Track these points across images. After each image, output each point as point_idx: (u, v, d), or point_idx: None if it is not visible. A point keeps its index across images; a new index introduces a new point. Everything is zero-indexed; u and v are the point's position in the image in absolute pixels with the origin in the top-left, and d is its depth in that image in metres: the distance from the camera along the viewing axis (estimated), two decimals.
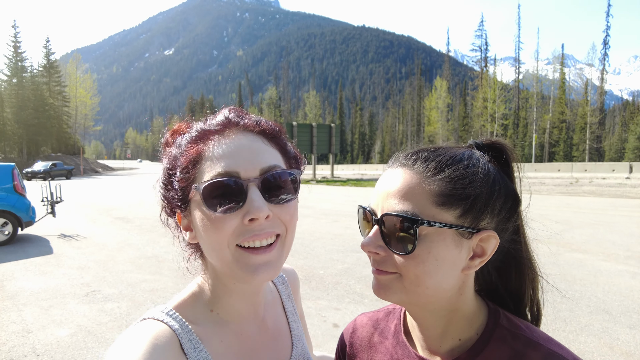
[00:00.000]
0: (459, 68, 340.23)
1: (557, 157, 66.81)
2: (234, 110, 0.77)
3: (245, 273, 0.68)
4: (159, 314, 0.71)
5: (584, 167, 32.32)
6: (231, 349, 0.76)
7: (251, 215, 0.66)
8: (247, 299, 0.79)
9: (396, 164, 0.73)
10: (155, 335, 0.65)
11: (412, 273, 0.67)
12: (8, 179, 9.33)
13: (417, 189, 0.67)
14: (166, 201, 0.76)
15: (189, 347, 0.69)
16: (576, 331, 4.24)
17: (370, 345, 0.88)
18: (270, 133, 0.76)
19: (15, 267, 7.15)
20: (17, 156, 56.11)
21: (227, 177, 0.67)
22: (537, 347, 0.66)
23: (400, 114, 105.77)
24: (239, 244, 0.68)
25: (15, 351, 4.00)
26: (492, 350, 0.69)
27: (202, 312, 0.76)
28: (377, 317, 0.93)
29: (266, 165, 0.71)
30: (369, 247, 0.70)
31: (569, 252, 7.62)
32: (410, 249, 0.66)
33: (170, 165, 0.74)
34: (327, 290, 5.70)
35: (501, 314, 0.74)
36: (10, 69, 60.14)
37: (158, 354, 0.62)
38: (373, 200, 0.73)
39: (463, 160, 0.70)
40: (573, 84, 74.20)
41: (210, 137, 0.71)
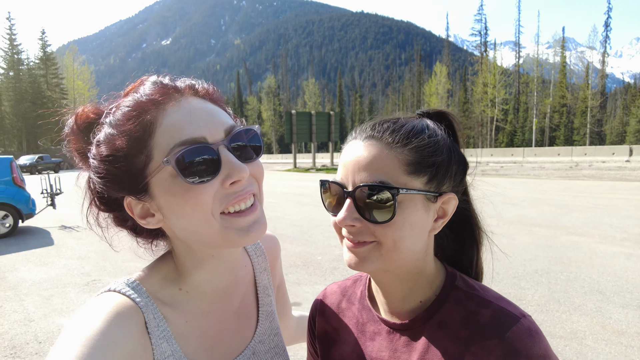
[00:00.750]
0: (458, 53, 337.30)
1: (558, 142, 66.65)
2: (163, 76, 0.70)
3: (239, 236, 0.66)
4: (124, 286, 0.67)
5: (584, 151, 32.25)
6: (196, 329, 0.73)
7: (234, 177, 0.64)
8: (220, 274, 0.76)
9: (362, 136, 0.74)
10: (117, 309, 0.61)
11: (389, 240, 0.69)
12: (7, 171, 9.36)
13: (388, 159, 0.69)
14: (108, 193, 0.68)
15: (153, 326, 0.65)
16: (569, 311, 4.30)
17: (339, 311, 0.92)
18: (214, 94, 0.73)
19: (16, 259, 7.22)
20: (17, 149, 56.15)
21: (195, 143, 0.62)
22: (488, 305, 0.71)
23: (400, 101, 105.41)
24: (223, 210, 0.65)
25: (17, 339, 4.08)
26: (447, 310, 0.74)
27: (169, 290, 0.72)
28: (345, 285, 0.97)
29: (228, 125, 0.68)
30: (346, 220, 0.70)
31: (566, 235, 7.66)
32: (390, 217, 0.68)
33: (108, 151, 0.64)
34: (325, 275, 5.76)
35: (457, 276, 0.78)
36: (6, 61, 59.93)
37: (118, 330, 0.58)
38: (340, 174, 0.74)
39: (425, 131, 0.73)
40: (574, 68, 73.77)
41: (153, 107, 0.64)
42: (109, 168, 0.65)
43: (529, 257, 6.28)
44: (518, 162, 32.67)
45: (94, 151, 0.66)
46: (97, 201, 0.72)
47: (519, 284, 5.15)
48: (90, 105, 0.72)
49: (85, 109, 0.71)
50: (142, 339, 0.62)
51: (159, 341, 0.65)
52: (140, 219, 0.69)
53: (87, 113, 0.70)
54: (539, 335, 0.66)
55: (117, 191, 0.67)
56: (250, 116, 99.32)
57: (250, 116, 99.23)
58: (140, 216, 0.69)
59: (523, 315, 0.69)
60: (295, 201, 13.73)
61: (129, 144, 0.63)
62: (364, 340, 0.84)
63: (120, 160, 0.64)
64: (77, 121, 0.70)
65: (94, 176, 0.67)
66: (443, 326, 0.73)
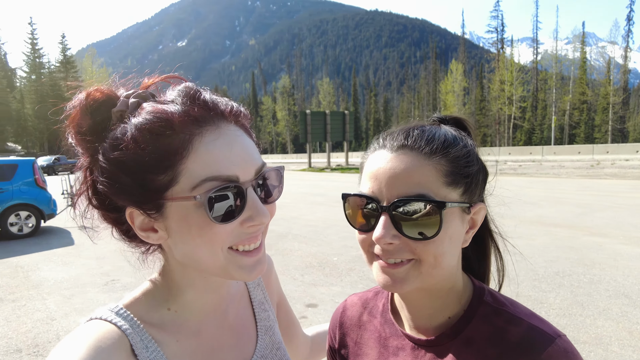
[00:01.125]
0: (474, 50, 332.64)
1: (578, 140, 65.17)
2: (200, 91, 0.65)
3: (241, 274, 0.66)
4: (107, 312, 0.65)
5: (606, 149, 31.46)
6: (188, 348, 0.71)
7: (255, 221, 0.63)
8: (213, 290, 0.75)
9: (392, 145, 0.70)
10: (100, 336, 0.60)
11: (431, 257, 0.66)
12: (29, 173, 9.60)
13: (427, 170, 0.66)
14: (117, 198, 0.63)
15: (141, 348, 0.63)
16: (594, 315, 4.18)
17: (360, 324, 0.90)
18: (247, 120, 0.70)
19: (39, 258, 7.40)
20: (39, 151, 57.58)
21: (227, 182, 0.60)
22: (518, 323, 0.67)
23: (415, 99, 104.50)
24: (231, 246, 0.64)
25: (40, 337, 4.17)
26: (474, 326, 0.71)
27: (157, 311, 0.70)
28: (367, 297, 0.94)
29: (258, 164, 0.66)
30: (385, 238, 0.65)
31: (588, 235, 7.46)
32: (435, 232, 0.65)
33: (130, 159, 0.59)
34: (341, 276, 5.73)
35: (486, 291, 0.75)
36: (28, 65, 61.49)
37: (103, 357, 0.57)
38: (369, 187, 0.70)
39: (458, 140, 0.71)
40: (595, 63, 71.91)
41: (190, 127, 0.60)
42: (120, 175, 0.60)
43: (550, 258, 6.13)
44: (537, 160, 32.04)
45: (108, 150, 0.60)
46: (93, 194, 0.68)
47: (540, 286, 5.03)
48: (105, 86, 0.68)
49: (100, 88, 0.66)
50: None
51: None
52: (140, 231, 0.65)
53: (101, 91, 0.65)
54: (576, 357, 0.62)
55: (122, 200, 0.63)
56: (265, 116, 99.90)
57: (265, 116, 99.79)
58: (140, 228, 0.65)
59: (558, 335, 0.65)
60: (310, 201, 13.72)
61: (154, 159, 0.59)
62: (386, 355, 0.81)
63: (136, 172, 0.60)
64: (87, 98, 0.65)
65: (100, 176, 0.62)
66: (470, 344, 0.70)
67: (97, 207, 0.68)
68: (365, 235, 0.72)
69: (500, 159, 34.95)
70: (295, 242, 7.77)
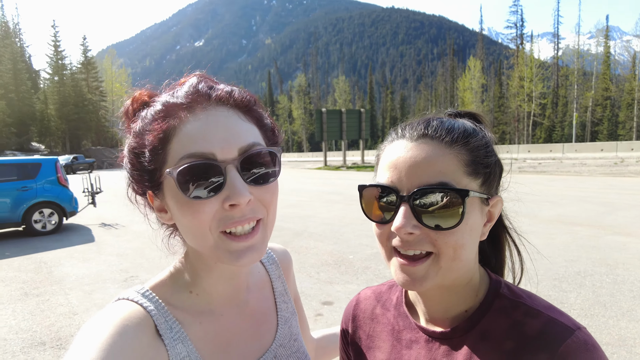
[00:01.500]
0: (493, 47, 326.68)
1: (601, 137, 63.45)
2: (203, 78, 0.71)
3: (229, 259, 0.65)
4: (133, 294, 0.68)
5: (631, 146, 30.55)
6: (211, 331, 0.73)
7: (232, 200, 0.62)
8: (229, 279, 0.76)
9: (412, 135, 0.69)
10: (126, 316, 0.62)
11: (450, 249, 0.65)
12: (52, 171, 9.87)
13: (449, 159, 0.65)
14: (134, 181, 0.71)
15: (165, 329, 0.66)
16: (617, 316, 4.07)
17: (373, 317, 0.89)
18: (245, 105, 0.70)
19: (61, 254, 7.60)
20: (61, 150, 59.05)
21: (202, 159, 0.62)
22: (537, 315, 0.66)
23: (432, 96, 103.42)
24: (223, 230, 0.64)
25: (63, 331, 4.28)
26: (491, 319, 0.70)
27: (181, 294, 0.73)
28: (380, 290, 0.93)
29: (245, 144, 0.65)
30: (406, 228, 0.64)
31: (611, 235, 7.27)
32: (457, 222, 0.64)
33: (136, 144, 0.67)
34: (357, 274, 5.71)
35: (502, 284, 0.74)
36: (52, 67, 63.01)
37: (127, 337, 0.59)
38: (387, 176, 0.68)
39: (477, 131, 0.71)
40: (619, 58, 70.13)
41: (180, 113, 0.65)
42: (133, 159, 0.68)
43: (571, 257, 6.00)
44: (557, 158, 31.34)
45: (128, 140, 0.69)
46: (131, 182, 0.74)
47: (560, 286, 4.93)
48: (146, 90, 0.73)
49: (142, 92, 0.72)
50: (153, 343, 0.63)
51: (173, 343, 0.66)
52: (158, 212, 0.71)
53: (142, 97, 0.72)
54: (596, 350, 0.60)
55: (138, 182, 0.70)
56: (281, 115, 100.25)
57: (281, 115, 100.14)
58: (157, 209, 0.71)
59: (578, 327, 0.63)
60: (326, 199, 13.73)
61: (152, 142, 0.65)
62: (399, 348, 0.80)
63: (141, 155, 0.66)
64: (132, 104, 0.72)
65: (125, 162, 0.71)
66: (486, 337, 0.69)
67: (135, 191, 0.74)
68: (382, 228, 0.70)
69: (520, 156, 34.32)
70: (311, 240, 7.78)
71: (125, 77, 78.48)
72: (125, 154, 0.71)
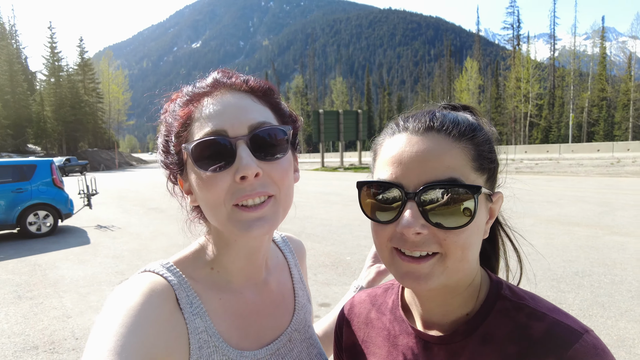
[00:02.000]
0: (490, 48, 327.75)
1: (597, 137, 63.66)
2: (222, 71, 0.77)
3: (239, 229, 0.68)
4: (158, 267, 0.72)
5: (627, 147, 30.70)
6: (230, 308, 0.76)
7: (240, 173, 0.65)
8: (247, 257, 0.78)
9: (415, 127, 0.65)
10: (151, 287, 0.66)
11: (459, 249, 0.61)
12: (48, 173, 9.80)
13: (457, 153, 0.62)
14: (166, 167, 0.77)
15: (185, 303, 0.69)
16: (615, 317, 4.04)
17: (367, 322, 0.85)
18: (260, 90, 0.75)
19: (56, 257, 7.53)
20: (57, 152, 58.77)
21: (214, 135, 0.67)
22: (541, 318, 0.63)
23: (430, 98, 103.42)
24: (237, 203, 0.68)
25: (56, 335, 4.22)
26: (492, 322, 0.66)
27: (202, 269, 0.76)
28: (375, 294, 0.90)
29: (255, 121, 0.70)
30: (415, 227, 0.59)
31: (609, 235, 7.26)
32: (469, 220, 0.60)
33: (166, 132, 0.74)
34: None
35: (504, 285, 0.71)
36: (48, 69, 62.80)
37: (151, 305, 0.63)
38: (390, 173, 0.64)
39: (481, 125, 0.68)
40: (615, 59, 70.32)
41: (199, 99, 0.72)
42: (163, 146, 0.76)
43: (569, 258, 5.98)
44: (554, 159, 31.41)
45: (161, 129, 0.77)
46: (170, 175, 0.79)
47: (559, 286, 4.90)
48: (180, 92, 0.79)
49: (178, 93, 0.78)
50: (174, 315, 0.67)
51: (192, 317, 0.69)
52: (187, 194, 0.76)
53: (177, 97, 0.77)
54: (606, 354, 0.57)
55: (169, 167, 0.76)
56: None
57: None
58: (186, 192, 0.76)
59: (586, 331, 0.60)
60: (323, 200, 13.69)
61: (176, 126, 0.72)
62: (395, 354, 0.77)
63: (169, 141, 0.74)
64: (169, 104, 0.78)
65: (159, 152, 0.78)
66: (488, 340, 0.65)
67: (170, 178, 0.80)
68: (383, 228, 0.65)
69: (517, 157, 34.37)
70: (308, 241, 7.74)
71: (122, 79, 78.28)
72: (159, 145, 0.77)
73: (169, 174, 0.78)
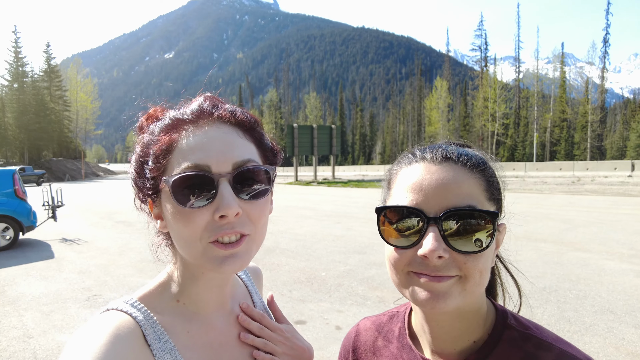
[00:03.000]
0: (459, 68, 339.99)
1: (559, 156, 66.64)
2: (210, 98, 0.75)
3: (213, 265, 0.68)
4: (122, 304, 0.69)
5: (586, 166, 32.21)
6: (198, 340, 0.75)
7: (220, 212, 0.65)
8: (215, 289, 0.78)
9: (435, 158, 0.69)
10: (117, 326, 0.63)
11: (478, 272, 0.64)
12: (9, 183, 9.34)
13: (473, 183, 0.66)
14: (137, 189, 0.75)
15: (153, 339, 0.67)
16: (581, 331, 4.20)
17: (374, 350, 0.86)
18: (246, 125, 0.74)
19: (16, 272, 7.13)
20: (19, 161, 56.18)
21: (197, 170, 0.66)
22: (548, 348, 0.65)
23: (401, 115, 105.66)
24: (212, 240, 0.67)
25: (16, 357, 3.98)
26: (502, 351, 0.68)
27: (168, 303, 0.74)
28: (381, 321, 0.90)
29: (239, 159, 0.69)
30: (438, 251, 0.62)
31: (573, 251, 7.57)
32: (487, 245, 0.63)
33: (143, 153, 0.72)
34: (330, 292, 5.66)
35: (509, 314, 0.73)
36: (11, 74, 60.32)
37: (119, 346, 0.60)
38: (414, 199, 0.66)
39: (488, 160, 0.73)
40: (574, 83, 73.97)
41: (184, 127, 0.70)
42: (138, 168, 0.73)
43: (536, 274, 6.19)
44: (520, 176, 32.58)
45: (136, 151, 0.75)
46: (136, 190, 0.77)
47: (528, 302, 5.04)
48: (161, 107, 0.78)
49: (157, 109, 0.77)
50: (142, 353, 0.64)
51: (161, 353, 0.67)
52: (156, 219, 0.75)
53: (156, 113, 0.77)
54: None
55: (141, 189, 0.74)
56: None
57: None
58: (156, 216, 0.75)
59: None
60: (297, 214, 13.64)
61: (156, 151, 0.69)
62: None
63: (145, 163, 0.71)
64: (147, 119, 0.77)
65: (131, 171, 0.76)
66: None
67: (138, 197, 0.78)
68: (402, 253, 0.67)
69: None
70: (283, 257, 7.68)
71: (91, 87, 76.14)
72: (132, 163, 0.75)
73: (139, 194, 0.76)
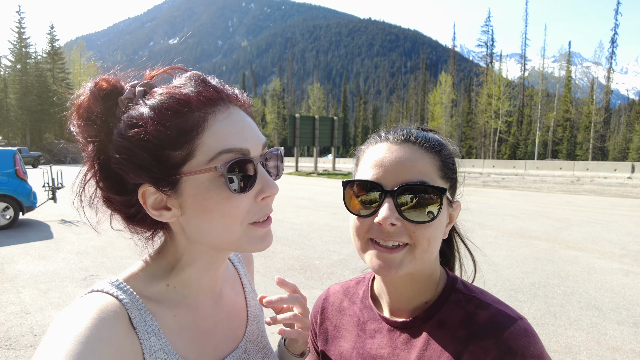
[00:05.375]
0: (464, 63, 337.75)
1: (560, 156, 66.63)
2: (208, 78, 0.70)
3: (254, 244, 0.70)
4: (107, 286, 0.66)
5: (586, 166, 32.22)
6: (185, 324, 0.73)
7: (267, 192, 0.67)
8: (211, 272, 0.77)
9: (396, 139, 0.78)
10: (102, 308, 0.61)
11: (425, 241, 0.73)
12: (10, 163, 9.41)
13: (427, 162, 0.75)
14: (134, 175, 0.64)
15: (139, 322, 0.65)
16: (565, 325, 4.30)
17: (340, 310, 0.97)
18: (249, 108, 0.75)
19: (15, 251, 7.25)
20: (21, 142, 56.31)
21: (241, 155, 0.65)
22: (486, 307, 0.75)
23: (404, 109, 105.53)
24: (254, 221, 0.69)
25: (13, 331, 4.09)
26: (447, 310, 0.78)
27: (155, 286, 0.72)
28: (348, 285, 1.01)
29: (264, 142, 0.71)
30: (390, 219, 0.71)
31: (565, 249, 7.65)
32: (434, 216, 0.72)
33: (149, 135, 0.61)
34: (322, 280, 5.76)
35: (458, 280, 0.84)
36: (14, 54, 60.23)
37: (104, 328, 0.58)
38: (372, 174, 0.76)
39: (445, 143, 0.82)
40: (579, 82, 73.83)
41: (205, 106, 0.64)
42: (138, 151, 0.62)
43: (527, 269, 6.27)
44: (520, 174, 32.62)
45: (125, 129, 0.62)
46: (101, 178, 0.69)
47: (516, 296, 5.15)
48: (111, 75, 0.69)
49: (109, 77, 0.68)
50: (128, 335, 0.62)
51: (147, 336, 0.65)
52: (153, 210, 0.67)
53: (111, 81, 0.67)
54: (534, 336, 0.69)
55: (138, 176, 0.64)
56: (254, 118, 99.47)
57: (254, 118, 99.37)
58: (153, 207, 0.67)
59: (520, 318, 0.72)
60: (295, 204, 13.74)
61: (172, 135, 0.62)
62: (363, 337, 0.88)
63: (154, 148, 0.62)
64: (97, 86, 0.66)
65: (116, 154, 0.63)
66: (442, 325, 0.77)
67: (106, 190, 0.69)
68: (362, 221, 0.77)
69: (485, 171, 35.46)
70: (278, 245, 7.78)
71: (94, 70, 75.70)
72: (115, 146, 0.63)
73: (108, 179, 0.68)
